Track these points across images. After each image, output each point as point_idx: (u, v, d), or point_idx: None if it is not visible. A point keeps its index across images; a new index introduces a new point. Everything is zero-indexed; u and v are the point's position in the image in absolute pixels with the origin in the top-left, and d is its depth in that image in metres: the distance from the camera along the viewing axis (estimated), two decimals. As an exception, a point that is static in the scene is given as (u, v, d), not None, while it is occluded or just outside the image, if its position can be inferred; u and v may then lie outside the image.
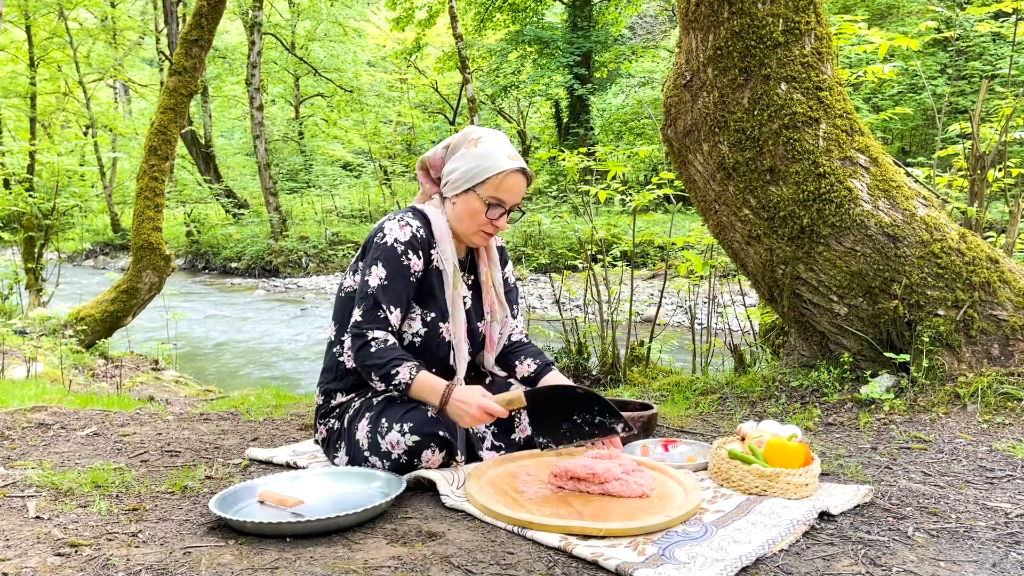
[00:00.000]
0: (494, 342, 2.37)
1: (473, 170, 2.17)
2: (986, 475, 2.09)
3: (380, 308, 2.10)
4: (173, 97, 6.51)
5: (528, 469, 2.07)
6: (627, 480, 1.89)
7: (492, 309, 2.35)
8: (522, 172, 2.18)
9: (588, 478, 1.90)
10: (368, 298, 2.10)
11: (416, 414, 2.04)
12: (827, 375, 2.88)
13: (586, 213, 4.92)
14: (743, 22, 2.80)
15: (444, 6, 17.50)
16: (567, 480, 1.93)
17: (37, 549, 1.61)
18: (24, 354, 5.31)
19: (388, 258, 2.12)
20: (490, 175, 2.16)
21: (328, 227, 18.05)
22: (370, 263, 2.14)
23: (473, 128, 2.24)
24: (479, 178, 2.16)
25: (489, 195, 2.17)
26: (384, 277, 2.11)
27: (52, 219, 7.91)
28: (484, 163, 2.16)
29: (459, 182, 2.19)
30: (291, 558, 1.57)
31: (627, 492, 1.87)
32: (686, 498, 1.83)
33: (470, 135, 2.22)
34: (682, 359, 4.92)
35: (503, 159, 2.17)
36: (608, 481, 1.88)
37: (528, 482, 1.98)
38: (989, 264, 2.77)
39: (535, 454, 2.16)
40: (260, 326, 10.47)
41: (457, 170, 2.19)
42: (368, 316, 2.10)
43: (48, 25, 16.19)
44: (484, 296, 2.34)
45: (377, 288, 2.10)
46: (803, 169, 2.79)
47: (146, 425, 2.84)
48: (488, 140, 2.19)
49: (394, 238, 2.14)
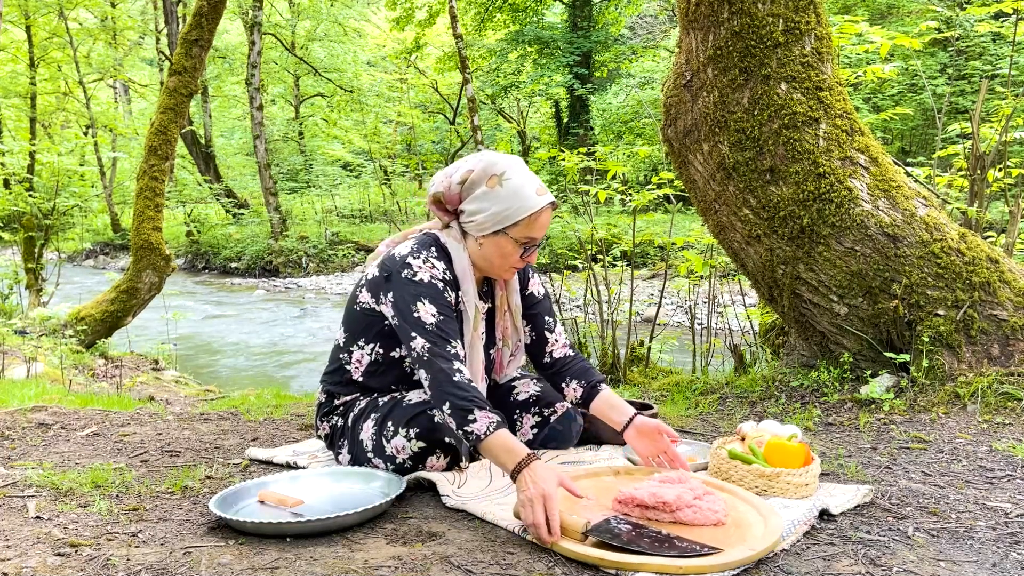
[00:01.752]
0: (503, 367, 2.30)
1: (503, 212, 2.01)
2: (986, 475, 2.08)
3: (449, 343, 1.94)
4: (173, 97, 6.51)
5: (587, 492, 1.86)
6: (700, 507, 1.72)
7: (504, 335, 2.27)
8: (551, 205, 2.06)
9: (658, 507, 1.73)
10: (431, 332, 1.94)
11: (422, 419, 2.02)
12: (827, 375, 2.88)
13: (586, 213, 4.92)
14: (743, 22, 2.80)
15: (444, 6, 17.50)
16: (633, 507, 1.76)
17: (37, 549, 1.61)
18: (24, 354, 5.31)
19: (433, 295, 1.99)
20: (523, 216, 2.01)
21: (328, 227, 18.05)
22: (412, 300, 1.98)
23: (492, 160, 2.05)
24: (510, 220, 2.02)
25: (522, 236, 2.04)
26: (436, 313, 1.97)
27: (52, 219, 7.91)
28: (514, 204, 2.01)
29: (487, 224, 2.03)
30: (291, 558, 1.57)
31: (701, 520, 1.71)
32: (764, 525, 1.68)
33: (491, 170, 2.03)
34: (682, 359, 4.92)
35: (533, 197, 2.02)
36: (680, 509, 1.72)
37: (589, 508, 1.80)
38: (989, 264, 2.77)
39: (591, 473, 2.02)
40: (260, 326, 10.47)
41: (483, 212, 2.03)
42: (440, 350, 1.92)
43: (48, 25, 16.19)
44: (497, 322, 2.26)
45: (436, 324, 1.95)
46: (803, 169, 2.79)
47: (146, 425, 2.84)
48: (513, 175, 2.03)
49: (430, 276, 2.01)
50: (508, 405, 2.32)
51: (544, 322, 2.33)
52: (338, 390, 2.23)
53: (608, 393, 2.23)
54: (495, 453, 1.80)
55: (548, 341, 2.31)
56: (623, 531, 1.63)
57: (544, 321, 2.33)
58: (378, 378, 2.18)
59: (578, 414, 2.36)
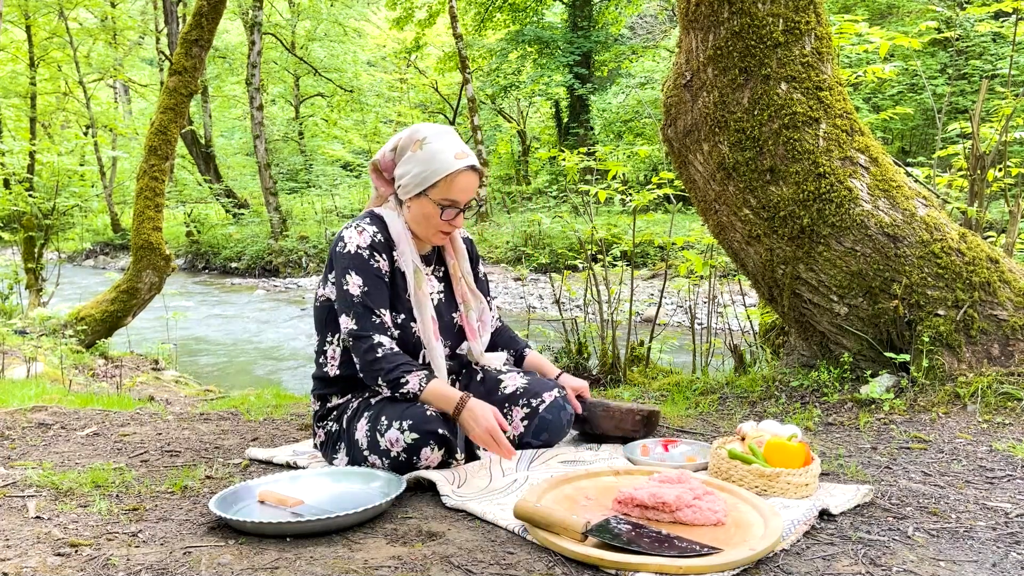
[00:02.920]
0: (474, 331, 2.36)
1: (422, 174, 2.14)
2: (986, 475, 2.08)
3: (373, 313, 2.10)
4: (173, 97, 6.51)
5: (587, 492, 1.90)
6: (700, 507, 1.73)
7: (464, 299, 2.35)
8: (472, 169, 2.16)
9: (658, 507, 1.73)
10: (356, 305, 2.10)
11: (415, 412, 2.04)
12: (827, 375, 2.88)
13: (586, 213, 4.92)
14: (743, 22, 2.80)
15: (444, 6, 17.50)
16: (633, 508, 1.77)
17: (37, 549, 1.61)
18: (24, 354, 5.31)
19: (358, 265, 2.12)
20: (439, 178, 2.13)
21: (328, 227, 18.04)
22: (341, 273, 2.13)
23: (419, 127, 2.21)
24: (428, 182, 2.14)
25: (441, 197, 2.15)
26: (362, 284, 2.11)
27: (52, 219, 7.91)
28: (432, 166, 2.13)
29: (410, 186, 2.17)
30: (291, 558, 1.57)
31: (701, 520, 1.71)
32: (765, 525, 1.67)
33: (415, 135, 2.18)
34: (682, 359, 4.91)
35: (450, 160, 2.13)
36: (680, 509, 1.72)
37: (589, 508, 1.82)
38: (989, 264, 2.77)
39: (591, 473, 2.02)
40: (260, 326, 10.47)
41: (407, 174, 2.17)
42: (364, 322, 2.09)
43: (48, 25, 16.19)
44: (455, 288, 2.35)
45: (361, 295, 2.11)
46: (803, 169, 2.79)
47: (146, 425, 2.84)
48: (433, 140, 2.15)
49: (356, 245, 2.14)
50: (496, 399, 2.33)
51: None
52: (327, 392, 2.26)
53: (534, 354, 2.53)
54: (434, 403, 2.05)
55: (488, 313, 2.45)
56: (623, 531, 1.63)
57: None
58: (353, 367, 2.20)
59: (567, 403, 2.36)
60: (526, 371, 2.47)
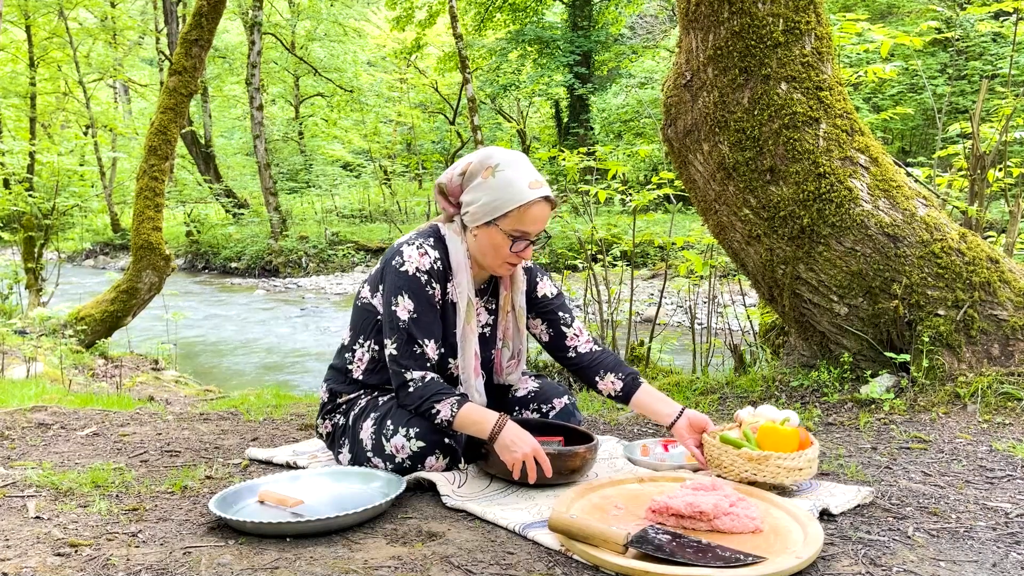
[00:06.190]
0: (502, 369, 2.29)
1: (493, 203, 2.03)
2: (986, 475, 2.08)
3: (415, 343, 2.02)
4: (173, 97, 6.51)
5: (616, 502, 1.84)
6: (738, 514, 1.67)
7: (505, 336, 2.26)
8: (546, 199, 2.04)
9: (695, 516, 1.68)
10: (400, 332, 2.02)
11: (422, 420, 2.02)
12: (827, 375, 2.88)
13: (586, 213, 4.92)
14: (743, 22, 2.80)
15: (444, 6, 17.50)
16: (668, 517, 1.71)
17: (37, 549, 1.61)
18: (24, 354, 5.31)
19: (414, 289, 2.03)
20: (512, 208, 2.01)
21: (328, 227, 18.05)
22: (394, 292, 2.04)
23: (492, 152, 2.09)
24: (500, 211, 2.03)
25: (512, 228, 2.03)
26: (413, 310, 2.03)
27: (52, 219, 7.92)
28: (504, 195, 2.02)
29: (479, 215, 2.05)
30: (291, 558, 1.57)
31: (739, 528, 1.66)
32: (803, 531, 1.63)
33: (487, 162, 2.06)
34: (682, 359, 4.91)
35: (524, 189, 2.02)
36: (718, 517, 1.67)
37: (620, 517, 1.76)
38: (989, 264, 2.77)
39: (615, 481, 1.97)
40: (260, 326, 10.47)
41: (476, 202, 2.05)
42: (404, 352, 2.01)
43: (48, 25, 16.19)
44: (500, 322, 2.25)
45: (408, 322, 2.02)
46: (803, 169, 2.79)
47: (146, 425, 2.84)
48: (507, 167, 2.04)
49: (415, 267, 2.04)
50: (507, 402, 2.32)
51: (560, 318, 2.31)
52: (341, 388, 2.23)
53: (649, 387, 2.22)
54: (467, 429, 1.97)
55: (567, 336, 2.30)
56: (663, 542, 1.58)
57: (560, 317, 2.31)
58: (377, 375, 2.18)
59: (576, 410, 2.36)
60: (538, 375, 2.42)
